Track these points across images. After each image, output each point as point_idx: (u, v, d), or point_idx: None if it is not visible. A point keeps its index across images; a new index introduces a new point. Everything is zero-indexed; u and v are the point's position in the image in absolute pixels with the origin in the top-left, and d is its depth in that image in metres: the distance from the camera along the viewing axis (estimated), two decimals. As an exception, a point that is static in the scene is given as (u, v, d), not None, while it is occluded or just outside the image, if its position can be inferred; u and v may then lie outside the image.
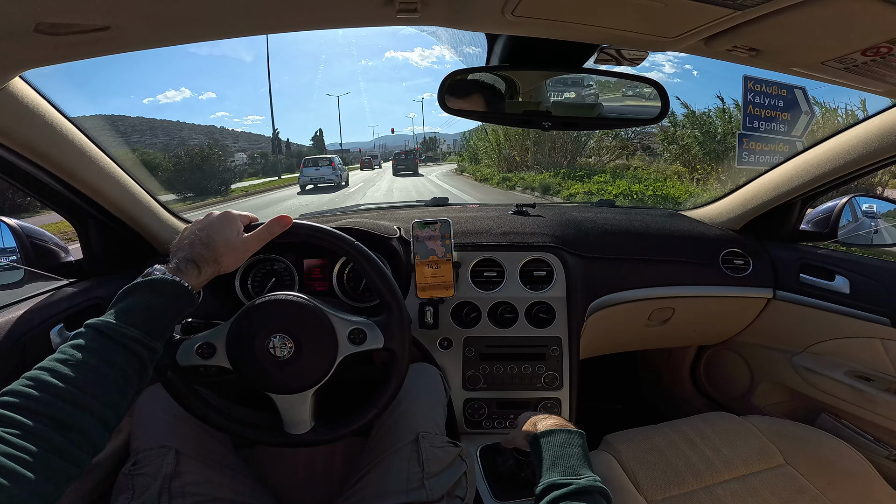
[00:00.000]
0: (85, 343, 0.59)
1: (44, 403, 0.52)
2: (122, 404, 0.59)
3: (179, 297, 0.68)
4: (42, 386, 0.53)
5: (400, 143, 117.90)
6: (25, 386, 0.53)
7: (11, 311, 0.95)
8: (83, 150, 0.96)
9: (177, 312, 0.68)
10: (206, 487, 0.82)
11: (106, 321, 0.61)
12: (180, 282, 0.68)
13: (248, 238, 0.77)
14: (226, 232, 0.75)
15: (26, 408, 0.51)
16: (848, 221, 1.35)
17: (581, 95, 1.07)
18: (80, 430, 0.53)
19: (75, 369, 0.56)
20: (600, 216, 1.47)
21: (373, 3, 0.61)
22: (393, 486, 0.83)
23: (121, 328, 0.61)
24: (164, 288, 0.66)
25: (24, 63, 0.69)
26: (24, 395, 0.52)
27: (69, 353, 0.58)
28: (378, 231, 1.22)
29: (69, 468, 0.51)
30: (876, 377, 1.20)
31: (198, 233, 0.74)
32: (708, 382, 1.79)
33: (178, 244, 0.75)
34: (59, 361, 0.56)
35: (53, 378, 0.54)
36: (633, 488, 0.97)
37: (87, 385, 0.56)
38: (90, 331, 0.60)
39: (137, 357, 0.61)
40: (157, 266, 0.69)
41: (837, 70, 0.75)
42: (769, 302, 1.44)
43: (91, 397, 0.55)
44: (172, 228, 1.26)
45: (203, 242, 0.73)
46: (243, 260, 0.77)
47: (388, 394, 0.86)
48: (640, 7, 0.61)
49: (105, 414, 0.56)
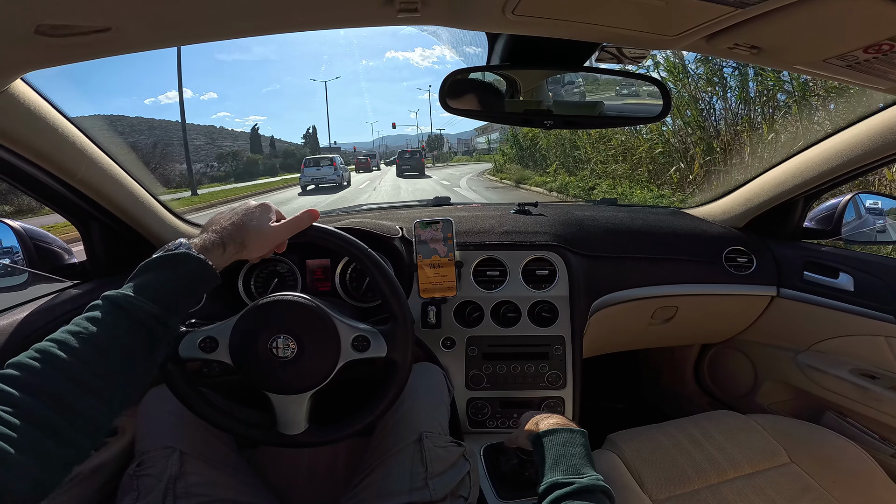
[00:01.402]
0: (100, 316, 0.56)
1: (47, 379, 0.50)
2: (132, 385, 0.57)
3: (202, 276, 0.66)
4: (48, 359, 0.51)
5: (401, 143, 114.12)
6: (31, 359, 0.51)
7: (15, 314, 0.95)
8: (85, 152, 0.96)
9: (197, 290, 0.66)
10: (211, 488, 0.82)
11: (125, 294, 0.59)
12: (205, 260, 0.66)
13: (278, 227, 0.77)
14: (259, 218, 0.75)
15: (27, 383, 0.48)
16: (851, 219, 1.34)
17: (573, 93, 1.07)
18: (81, 411, 0.50)
19: (86, 344, 0.53)
20: (602, 215, 1.47)
21: (373, 3, 0.61)
22: (396, 485, 0.83)
23: (139, 302, 0.59)
24: (188, 265, 0.65)
25: (26, 65, 0.69)
26: (28, 368, 0.50)
27: (82, 326, 0.55)
28: (380, 231, 1.22)
29: (66, 452, 0.49)
30: (881, 375, 1.20)
31: (231, 215, 0.74)
32: (711, 381, 1.78)
33: (210, 221, 0.74)
34: (70, 333, 0.54)
35: (62, 352, 0.52)
36: (638, 487, 0.97)
37: (94, 362, 0.53)
38: (107, 303, 0.58)
39: (152, 334, 0.59)
40: (183, 240, 0.67)
41: (839, 67, 0.75)
42: (773, 300, 1.43)
43: (99, 377, 0.53)
44: (174, 229, 1.26)
45: (234, 224, 0.73)
46: (268, 249, 0.77)
47: (386, 402, 0.86)
48: (641, 5, 0.61)
49: (112, 395, 0.54)
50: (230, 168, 43.75)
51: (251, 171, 41.11)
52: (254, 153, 49.56)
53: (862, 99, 4.46)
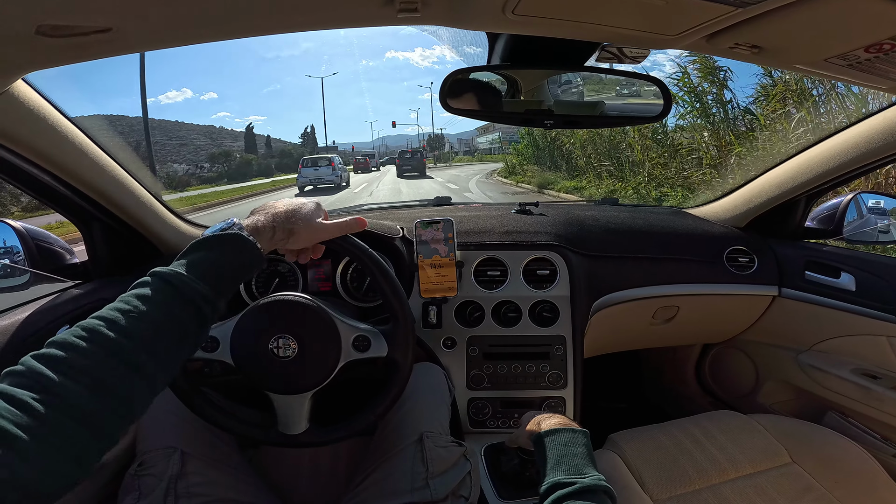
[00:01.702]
0: (150, 294, 0.54)
1: (93, 360, 0.47)
2: (175, 365, 0.56)
3: (251, 258, 0.65)
4: (96, 339, 0.48)
5: (402, 143, 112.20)
6: (77, 336, 0.48)
7: (17, 314, 0.95)
8: (86, 152, 0.97)
9: (245, 272, 0.66)
10: (212, 488, 0.82)
11: (176, 272, 0.57)
12: (255, 243, 0.65)
13: (326, 224, 0.77)
14: (311, 213, 0.76)
15: (70, 364, 0.46)
16: (853, 218, 1.34)
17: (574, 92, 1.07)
18: (124, 396, 0.48)
19: (137, 323, 0.51)
20: (603, 214, 1.47)
21: (373, 3, 0.61)
22: (397, 485, 0.83)
23: (191, 281, 0.57)
24: (238, 245, 0.64)
25: (27, 65, 0.69)
26: (73, 347, 0.47)
27: (132, 304, 0.53)
28: (381, 231, 1.22)
29: (101, 443, 0.46)
30: (883, 375, 1.20)
31: (286, 203, 0.75)
32: (713, 381, 1.78)
33: (262, 205, 0.75)
34: (120, 311, 0.51)
35: (111, 331, 0.49)
36: (639, 487, 0.97)
37: (145, 342, 0.51)
38: (157, 280, 0.56)
39: (201, 313, 0.57)
40: (235, 220, 0.67)
41: (840, 67, 0.75)
42: (774, 300, 1.43)
43: (148, 356, 0.51)
44: (176, 230, 1.27)
45: (287, 212, 0.73)
46: (312, 242, 0.77)
47: (387, 402, 0.86)
48: (642, 5, 0.61)
49: (157, 377, 0.52)
50: (222, 169, 40.82)
51: (244, 171, 38.66)
52: (248, 153, 46.58)
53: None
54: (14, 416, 0.41)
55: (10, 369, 0.46)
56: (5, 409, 0.41)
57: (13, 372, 0.45)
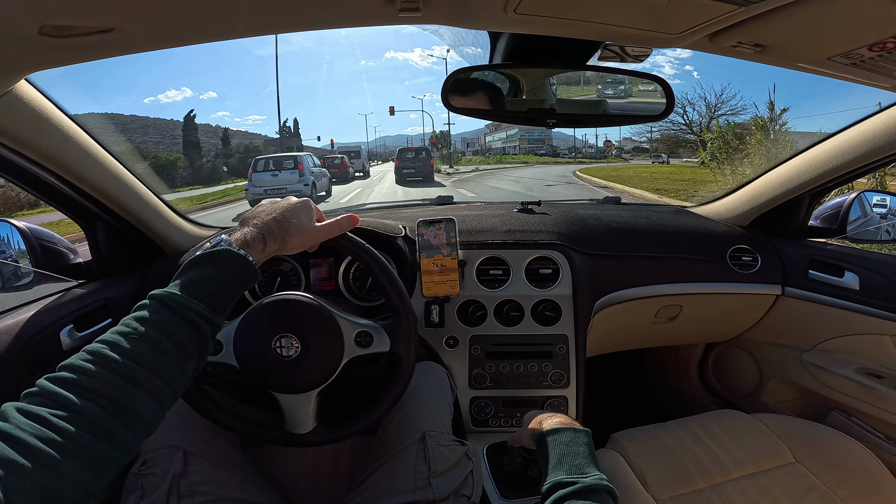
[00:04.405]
0: (148, 315, 0.57)
1: (101, 380, 0.50)
2: (181, 382, 0.58)
3: (244, 272, 0.66)
4: (101, 361, 0.51)
5: (402, 143, 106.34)
6: (84, 360, 0.51)
7: (21, 313, 0.96)
8: (89, 152, 0.97)
9: (240, 287, 0.67)
10: (215, 487, 0.82)
11: (171, 293, 0.59)
12: (246, 256, 0.66)
13: (319, 227, 0.77)
14: (301, 215, 0.75)
15: (82, 385, 0.49)
16: (857, 217, 1.33)
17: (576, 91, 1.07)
18: (135, 411, 0.51)
19: (137, 343, 0.54)
20: (606, 213, 1.47)
21: (375, 2, 0.61)
22: (400, 484, 0.83)
23: (185, 301, 0.59)
24: (231, 261, 0.65)
25: (29, 66, 0.70)
26: (82, 370, 0.50)
27: (132, 326, 0.55)
28: (383, 230, 1.22)
29: (117, 455, 0.49)
30: (887, 374, 1.19)
31: (274, 209, 0.74)
32: (716, 380, 1.77)
33: (250, 213, 0.74)
34: (120, 335, 0.54)
35: (114, 352, 0.52)
36: (641, 486, 0.97)
37: (148, 361, 0.54)
38: (154, 302, 0.58)
39: (199, 331, 0.59)
40: (224, 237, 0.68)
41: (844, 65, 0.74)
42: (778, 299, 1.42)
43: (151, 374, 0.53)
44: (179, 229, 1.27)
45: (276, 219, 0.73)
46: (307, 247, 0.77)
47: (392, 397, 0.86)
48: (644, 3, 0.60)
49: (163, 393, 0.54)
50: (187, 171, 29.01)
51: (217, 174, 28.47)
52: (182, 152, 32.02)
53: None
54: (35, 430, 0.44)
55: (27, 391, 0.49)
56: (26, 424, 0.45)
57: (30, 393, 0.49)
